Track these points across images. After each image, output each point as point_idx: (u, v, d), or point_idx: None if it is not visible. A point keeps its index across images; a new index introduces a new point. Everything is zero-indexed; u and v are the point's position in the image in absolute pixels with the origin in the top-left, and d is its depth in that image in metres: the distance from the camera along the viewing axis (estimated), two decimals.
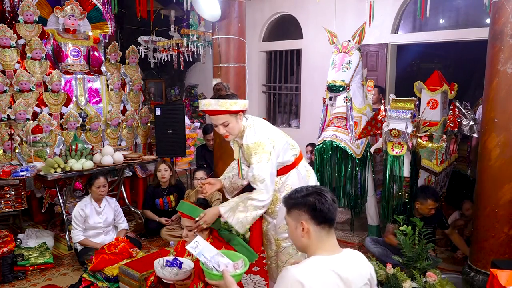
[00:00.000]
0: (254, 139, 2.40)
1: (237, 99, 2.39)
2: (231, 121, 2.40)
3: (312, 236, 1.61)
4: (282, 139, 2.52)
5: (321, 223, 1.61)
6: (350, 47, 4.07)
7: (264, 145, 2.38)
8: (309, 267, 1.55)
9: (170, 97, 8.96)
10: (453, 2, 6.09)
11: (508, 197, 2.98)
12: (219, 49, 4.55)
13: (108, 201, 4.03)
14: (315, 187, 1.70)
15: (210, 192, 2.70)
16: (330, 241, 1.63)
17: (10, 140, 4.43)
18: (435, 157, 4.16)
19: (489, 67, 3.07)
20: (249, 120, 2.50)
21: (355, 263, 1.65)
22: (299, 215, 1.63)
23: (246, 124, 2.46)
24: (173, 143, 5.33)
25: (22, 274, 3.61)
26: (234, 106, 2.36)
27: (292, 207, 1.66)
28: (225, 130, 2.43)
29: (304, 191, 1.66)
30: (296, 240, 1.68)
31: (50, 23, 5.30)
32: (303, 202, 1.62)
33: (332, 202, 1.63)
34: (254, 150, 2.37)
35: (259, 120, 2.55)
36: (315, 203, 1.60)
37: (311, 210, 1.60)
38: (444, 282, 2.90)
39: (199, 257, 1.97)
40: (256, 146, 2.38)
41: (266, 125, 2.54)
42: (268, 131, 2.48)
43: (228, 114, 2.38)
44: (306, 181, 2.63)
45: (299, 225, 1.63)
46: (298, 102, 7.39)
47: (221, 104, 2.35)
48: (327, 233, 1.62)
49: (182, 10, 6.27)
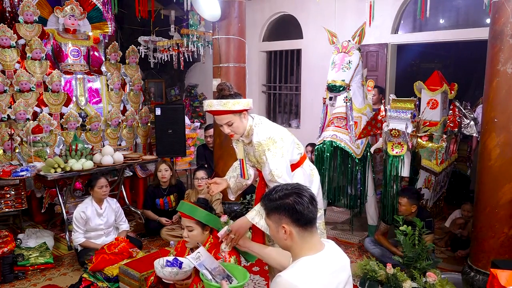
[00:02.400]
0: (266, 135, 2.40)
1: (240, 98, 2.39)
2: (235, 121, 2.40)
3: (295, 238, 1.59)
4: (290, 137, 2.54)
5: (303, 224, 1.59)
6: (350, 47, 4.07)
7: (276, 141, 2.39)
8: (300, 269, 1.55)
9: (170, 97, 8.96)
10: (453, 2, 6.09)
11: (508, 197, 2.98)
12: (219, 49, 4.55)
13: (109, 202, 4.02)
14: (293, 186, 1.66)
15: (217, 191, 2.68)
16: (313, 240, 1.62)
17: (10, 140, 4.43)
18: (435, 157, 4.17)
19: (489, 67, 3.07)
20: (256, 118, 2.50)
21: (337, 256, 1.67)
22: (279, 218, 1.61)
23: (254, 123, 2.46)
24: (173, 143, 5.32)
25: (22, 274, 3.61)
26: (237, 106, 2.36)
27: (271, 210, 1.63)
28: (229, 130, 2.43)
29: (283, 191, 1.62)
30: (278, 241, 1.67)
31: (50, 23, 5.30)
32: (282, 205, 1.59)
33: (311, 201, 1.61)
34: (267, 146, 2.38)
35: (265, 118, 2.56)
36: (294, 205, 1.57)
37: (291, 213, 1.57)
38: (444, 282, 2.90)
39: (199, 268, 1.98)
40: (269, 142, 2.39)
41: (273, 123, 2.55)
42: (277, 128, 2.50)
43: (232, 114, 2.37)
44: (310, 179, 2.64)
45: (280, 228, 1.60)
46: (298, 102, 7.40)
47: (223, 104, 2.34)
48: (310, 233, 1.61)
49: (182, 10, 6.27)
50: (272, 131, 2.44)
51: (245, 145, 2.57)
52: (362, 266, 3.22)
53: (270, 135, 2.41)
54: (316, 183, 2.69)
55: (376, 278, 3.12)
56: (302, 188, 1.65)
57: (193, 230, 2.41)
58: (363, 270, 3.20)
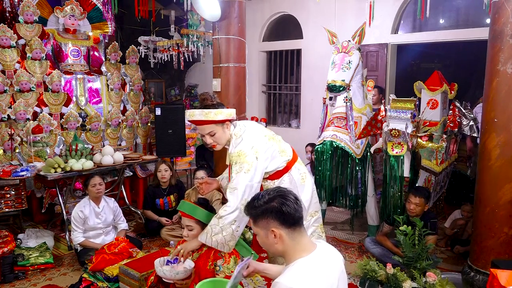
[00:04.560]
0: (237, 149, 2.39)
1: (222, 109, 2.39)
2: (217, 131, 2.40)
3: (286, 240, 1.59)
4: (271, 148, 2.49)
5: (291, 225, 1.58)
6: (350, 47, 4.07)
7: (245, 155, 2.36)
8: (297, 273, 1.54)
9: (170, 97, 8.96)
10: (453, 2, 6.09)
11: (508, 197, 2.98)
12: (219, 49, 4.56)
13: (107, 201, 4.02)
14: (276, 190, 1.66)
15: (208, 191, 2.70)
16: (304, 240, 1.62)
17: (10, 140, 4.43)
18: (435, 157, 4.17)
19: (489, 67, 3.07)
20: (237, 128, 2.47)
21: (330, 254, 1.67)
22: (267, 223, 1.60)
23: (233, 133, 2.45)
24: (173, 143, 5.32)
25: (22, 274, 3.61)
26: (219, 116, 2.35)
27: (258, 216, 1.62)
28: (212, 140, 2.43)
29: (266, 197, 1.62)
30: (269, 247, 1.65)
31: (50, 23, 5.30)
32: (268, 209, 1.59)
33: (295, 201, 1.61)
34: (235, 159, 2.37)
35: (249, 126, 2.52)
36: (281, 207, 1.57)
37: (279, 216, 1.57)
38: (444, 282, 2.90)
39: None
40: (237, 155, 2.37)
41: (255, 132, 2.49)
42: (254, 140, 2.44)
43: (214, 124, 2.38)
44: (301, 184, 2.61)
45: (269, 233, 1.59)
46: (298, 102, 7.40)
47: (205, 114, 2.34)
48: (299, 233, 1.61)
49: (182, 10, 6.28)
50: (244, 145, 2.39)
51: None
52: (362, 266, 3.22)
53: (240, 148, 2.38)
54: (308, 187, 2.66)
55: (376, 278, 3.12)
56: (285, 190, 1.65)
57: (193, 230, 2.42)
58: (363, 270, 3.20)
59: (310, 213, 2.69)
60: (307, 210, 2.66)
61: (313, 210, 2.71)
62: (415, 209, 3.52)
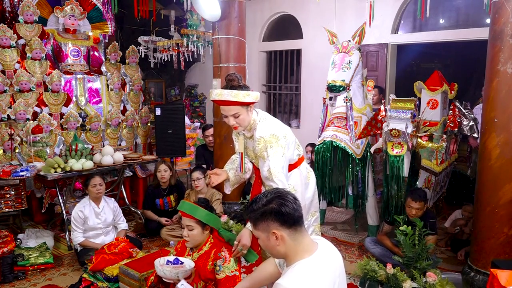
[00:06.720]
0: (270, 132, 2.38)
1: (250, 91, 2.36)
2: (242, 113, 2.37)
3: (287, 241, 1.57)
4: (292, 137, 2.51)
5: (292, 225, 1.57)
6: (350, 47, 4.07)
7: (279, 138, 2.37)
8: (299, 275, 1.53)
9: (170, 97, 8.96)
10: (453, 2, 6.09)
11: (508, 197, 2.98)
12: (219, 49, 4.55)
13: (107, 201, 4.03)
14: (273, 192, 1.64)
15: (217, 182, 2.63)
16: (306, 240, 1.61)
17: (10, 140, 4.43)
18: (435, 157, 4.17)
19: (489, 67, 3.07)
20: (261, 113, 2.48)
21: (331, 253, 1.66)
22: (267, 225, 1.58)
23: (258, 118, 2.44)
24: (173, 143, 5.32)
25: (22, 274, 3.61)
26: (247, 98, 2.32)
27: (257, 219, 1.60)
28: (235, 122, 2.39)
29: (264, 199, 1.60)
30: (271, 250, 1.63)
31: (50, 23, 5.30)
32: (268, 211, 1.57)
33: (294, 201, 1.60)
34: (270, 143, 2.35)
35: (269, 115, 2.53)
36: (280, 208, 1.56)
37: (279, 217, 1.56)
38: (444, 282, 2.89)
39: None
40: (272, 139, 2.36)
41: (277, 120, 2.52)
42: (281, 126, 2.47)
43: (240, 106, 2.34)
44: (306, 182, 2.62)
45: (270, 235, 1.58)
46: (298, 102, 7.39)
47: (234, 95, 2.30)
48: (301, 233, 1.60)
49: (182, 10, 6.27)
50: (276, 128, 2.41)
51: (245, 138, 2.55)
52: (362, 266, 3.21)
53: (274, 132, 2.38)
54: (312, 186, 2.67)
55: (376, 278, 3.11)
56: (283, 191, 1.64)
57: (193, 230, 2.41)
58: (363, 270, 3.19)
59: (311, 213, 2.70)
60: (309, 210, 2.66)
61: (314, 210, 2.72)
62: (417, 213, 3.52)
